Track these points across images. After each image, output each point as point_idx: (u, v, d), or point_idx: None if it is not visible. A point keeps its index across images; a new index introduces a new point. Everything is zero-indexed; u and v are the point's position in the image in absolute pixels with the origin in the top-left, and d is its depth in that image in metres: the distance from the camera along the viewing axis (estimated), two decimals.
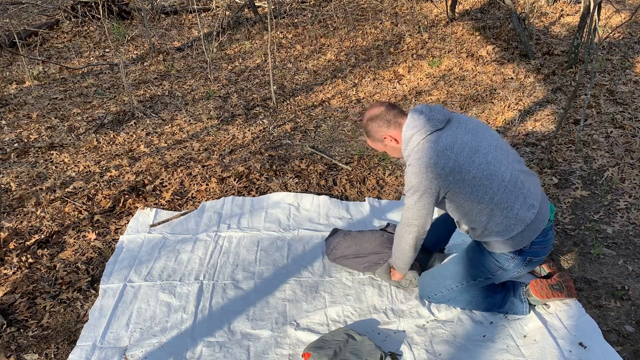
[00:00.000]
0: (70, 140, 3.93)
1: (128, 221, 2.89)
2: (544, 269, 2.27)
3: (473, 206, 1.85)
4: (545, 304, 2.17)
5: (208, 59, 5.33)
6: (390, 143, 1.95)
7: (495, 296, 2.14)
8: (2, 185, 3.27)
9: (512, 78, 4.78)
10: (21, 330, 2.17)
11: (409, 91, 4.68)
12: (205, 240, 2.70)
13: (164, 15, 7.35)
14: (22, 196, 3.15)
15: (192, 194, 3.16)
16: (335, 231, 2.54)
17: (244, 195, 3.13)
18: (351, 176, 3.31)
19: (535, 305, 2.16)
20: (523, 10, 6.24)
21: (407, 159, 1.89)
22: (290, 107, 4.48)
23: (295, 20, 6.96)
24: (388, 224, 2.51)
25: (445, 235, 2.42)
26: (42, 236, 2.77)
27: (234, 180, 3.28)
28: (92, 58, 5.89)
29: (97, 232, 2.80)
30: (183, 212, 2.94)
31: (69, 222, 2.90)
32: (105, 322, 2.17)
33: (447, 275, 2.12)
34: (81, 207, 3.02)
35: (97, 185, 3.27)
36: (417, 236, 1.97)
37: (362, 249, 2.37)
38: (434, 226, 2.30)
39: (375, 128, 1.94)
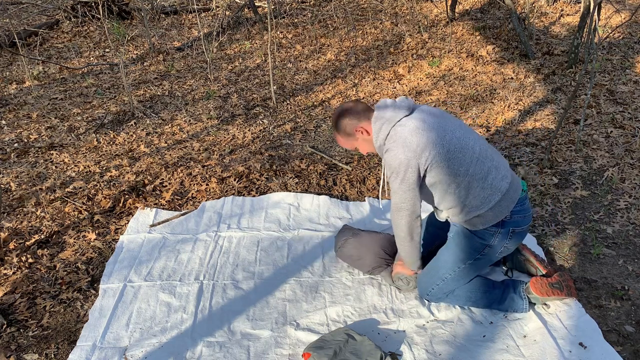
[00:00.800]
0: (70, 140, 3.93)
1: (128, 221, 2.89)
2: (540, 269, 2.27)
3: (451, 180, 1.92)
4: (545, 304, 2.17)
5: (208, 59, 5.33)
6: (362, 136, 2.02)
7: (495, 292, 2.15)
8: (2, 185, 3.27)
9: (512, 78, 4.78)
10: (21, 330, 2.17)
11: (409, 91, 4.68)
12: (205, 240, 2.70)
13: (164, 15, 7.35)
14: (22, 196, 3.15)
15: (192, 194, 3.16)
16: (345, 228, 2.53)
17: (244, 195, 3.13)
18: (351, 176, 3.31)
19: (535, 304, 2.16)
20: (523, 10, 6.24)
21: (381, 150, 1.99)
22: (290, 107, 4.48)
23: (295, 20, 6.96)
24: None
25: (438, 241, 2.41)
26: (42, 236, 2.77)
27: (234, 180, 3.28)
28: (92, 58, 5.89)
29: (97, 232, 2.81)
30: (183, 212, 2.94)
31: (69, 222, 2.90)
32: (105, 322, 2.17)
33: (438, 266, 2.14)
34: (81, 207, 3.02)
35: (97, 185, 3.27)
36: (409, 220, 2.00)
37: (368, 252, 2.36)
38: (432, 232, 2.32)
39: (346, 122, 2.01)
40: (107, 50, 6.13)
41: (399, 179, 1.91)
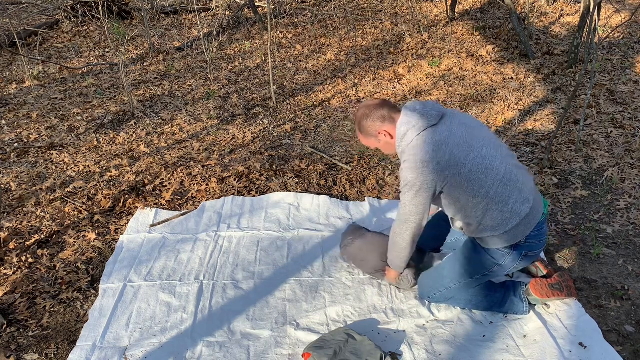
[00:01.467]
0: (70, 140, 3.93)
1: (128, 221, 2.89)
2: (541, 270, 2.27)
3: (469, 200, 1.86)
4: (545, 304, 2.17)
5: (208, 59, 5.33)
6: (385, 139, 1.95)
7: (495, 295, 2.14)
8: (2, 185, 3.27)
9: (512, 78, 4.78)
10: (21, 330, 2.17)
11: (409, 91, 4.68)
12: (205, 240, 2.70)
13: (164, 15, 7.35)
14: (22, 196, 3.15)
15: (192, 194, 3.16)
16: (353, 228, 2.50)
17: (244, 195, 3.13)
18: (351, 176, 3.31)
19: (535, 305, 2.16)
20: (523, 10, 6.24)
21: (402, 155, 1.91)
22: (290, 107, 4.48)
23: (295, 20, 6.96)
24: None
25: (440, 235, 2.41)
26: (42, 236, 2.77)
27: (234, 180, 3.28)
28: (92, 58, 5.89)
29: (97, 232, 2.81)
30: (183, 212, 2.94)
31: (69, 222, 2.90)
32: (105, 322, 2.17)
33: (444, 275, 2.12)
34: (81, 207, 3.02)
35: (97, 185, 3.27)
36: (413, 233, 1.98)
37: (372, 255, 2.35)
38: (429, 225, 2.30)
39: (370, 123, 1.94)
40: (107, 50, 6.13)
41: (412, 193, 1.85)
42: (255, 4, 7.12)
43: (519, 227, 1.90)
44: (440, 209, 2.26)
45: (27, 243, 2.71)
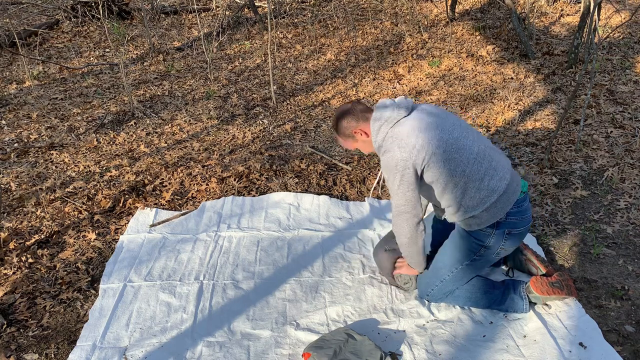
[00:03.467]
0: (70, 140, 3.93)
1: (128, 221, 2.89)
2: (541, 269, 2.27)
3: (448, 180, 1.91)
4: (546, 304, 2.17)
5: (208, 59, 5.33)
6: (362, 137, 2.02)
7: (495, 292, 2.15)
8: (2, 185, 3.27)
9: (512, 78, 4.78)
10: (21, 330, 2.17)
11: (409, 91, 4.68)
12: (205, 240, 2.70)
13: (164, 15, 7.35)
14: (22, 196, 3.15)
15: (192, 194, 3.16)
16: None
17: (244, 195, 3.13)
18: (351, 176, 3.31)
19: (535, 304, 2.16)
20: (523, 10, 6.24)
21: (379, 150, 1.97)
22: (290, 107, 4.48)
23: (295, 20, 6.96)
24: None
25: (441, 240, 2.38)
26: (42, 236, 2.77)
27: (234, 180, 3.28)
28: (92, 58, 5.89)
29: (97, 232, 2.81)
30: (183, 212, 2.94)
31: (69, 222, 2.90)
32: (105, 322, 2.17)
33: (437, 267, 2.14)
34: (81, 207, 3.02)
35: (97, 185, 3.27)
36: (411, 224, 1.97)
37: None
38: (438, 228, 2.32)
39: (345, 124, 2.01)
40: (107, 50, 6.13)
41: (397, 180, 1.90)
42: (255, 4, 7.12)
43: (497, 203, 1.95)
44: (427, 214, 2.34)
45: (27, 243, 2.71)
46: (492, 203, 1.94)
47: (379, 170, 3.37)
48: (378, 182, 2.71)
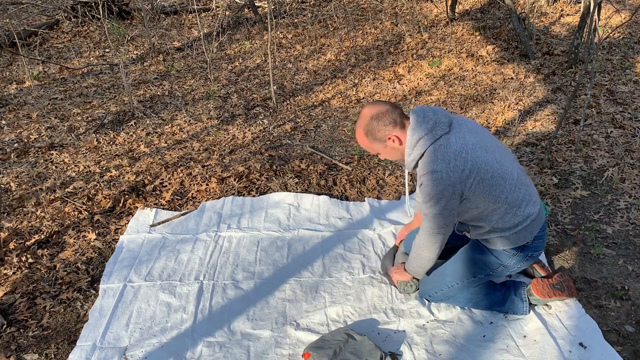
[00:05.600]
0: (70, 140, 3.93)
1: (128, 221, 2.89)
2: (538, 271, 2.27)
3: (488, 206, 1.84)
4: (546, 304, 2.17)
5: (208, 59, 5.33)
6: (393, 144, 1.86)
7: (496, 294, 2.14)
8: (2, 185, 3.27)
9: (512, 78, 4.78)
10: (21, 330, 2.17)
11: (409, 91, 4.68)
12: (205, 240, 2.70)
13: (164, 15, 7.34)
14: (22, 196, 3.15)
15: (192, 194, 3.16)
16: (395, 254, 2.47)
17: (244, 195, 3.13)
18: (351, 176, 3.31)
19: (535, 305, 2.16)
20: (523, 10, 6.24)
21: (411, 164, 1.84)
22: (290, 107, 4.48)
23: (295, 20, 6.96)
24: None
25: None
26: (42, 236, 2.77)
27: (234, 180, 3.28)
28: (92, 58, 5.89)
29: (97, 232, 2.80)
30: (183, 212, 2.94)
31: (69, 222, 2.90)
32: (105, 322, 2.17)
33: (446, 273, 2.12)
34: (81, 207, 3.02)
35: (97, 185, 3.27)
36: (441, 245, 1.93)
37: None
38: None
39: (380, 127, 1.83)
40: (107, 50, 6.13)
41: (441, 205, 1.79)
42: (255, 4, 7.12)
43: (527, 228, 1.91)
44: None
45: (27, 243, 2.71)
46: (524, 227, 1.90)
47: (379, 170, 3.36)
48: (407, 199, 2.54)
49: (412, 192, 3.02)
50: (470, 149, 1.77)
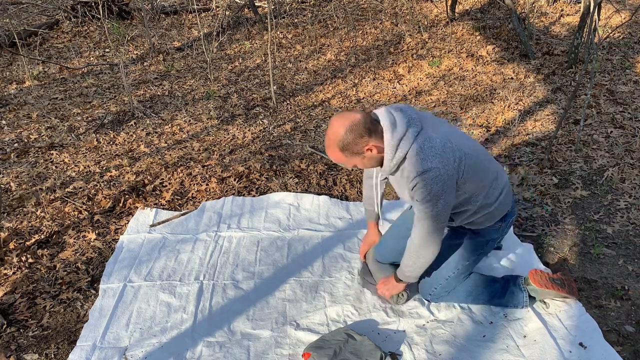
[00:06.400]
0: (70, 140, 3.93)
1: (128, 221, 2.89)
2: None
3: (476, 188, 1.86)
4: (544, 302, 2.17)
5: (208, 59, 5.33)
6: (371, 154, 1.74)
7: (494, 285, 2.16)
8: (2, 185, 3.27)
9: (512, 78, 4.78)
10: (21, 330, 2.17)
11: (409, 91, 4.68)
12: (205, 240, 2.70)
13: (164, 15, 7.35)
14: (22, 196, 3.15)
15: (192, 194, 3.16)
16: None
17: (244, 195, 3.13)
18: (351, 176, 3.31)
19: (534, 300, 2.16)
20: (523, 10, 6.24)
21: (393, 168, 1.76)
22: (290, 107, 4.48)
23: (295, 20, 6.96)
24: None
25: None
26: (42, 236, 2.77)
27: (234, 180, 3.28)
28: (92, 58, 5.89)
29: (97, 232, 2.80)
30: (183, 212, 2.94)
31: (69, 222, 2.90)
32: (105, 322, 2.17)
33: (441, 267, 2.12)
34: (81, 207, 3.02)
35: (97, 185, 3.27)
36: (440, 242, 1.88)
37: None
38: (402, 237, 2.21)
39: (357, 140, 1.69)
40: (107, 50, 6.13)
41: (442, 202, 1.73)
42: (255, 4, 7.12)
43: (507, 197, 1.98)
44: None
45: (27, 243, 2.71)
46: (504, 196, 1.96)
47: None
48: (380, 207, 2.31)
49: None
50: (450, 137, 1.76)
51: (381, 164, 1.80)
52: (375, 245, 2.33)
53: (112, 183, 3.30)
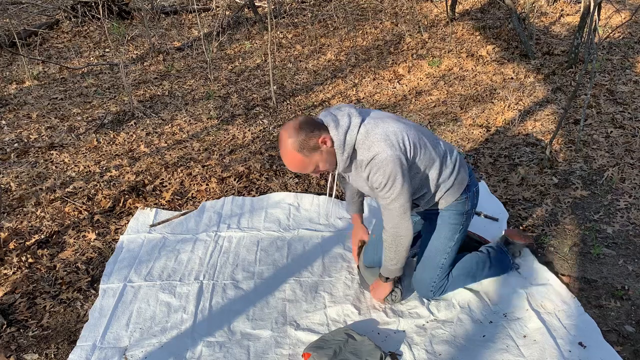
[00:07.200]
0: (70, 140, 3.93)
1: (128, 221, 2.89)
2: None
3: (428, 166, 1.91)
4: (543, 304, 2.17)
5: (208, 59, 5.34)
6: (327, 147, 1.77)
7: (482, 257, 2.27)
8: (2, 185, 3.27)
9: (512, 78, 4.78)
10: (21, 330, 2.17)
11: (409, 91, 4.68)
12: (205, 240, 2.70)
13: (164, 15, 7.35)
14: (22, 196, 3.15)
15: (192, 194, 3.16)
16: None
17: (244, 195, 3.13)
18: None
19: (518, 265, 2.33)
20: (523, 10, 6.24)
21: (346, 161, 1.81)
22: (290, 107, 4.48)
23: (295, 20, 6.96)
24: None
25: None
26: (42, 236, 2.77)
27: (234, 180, 3.28)
28: (92, 58, 5.89)
29: (97, 232, 2.81)
30: (183, 212, 2.94)
31: (69, 222, 2.90)
32: (105, 322, 2.17)
33: (431, 257, 2.13)
34: (81, 207, 3.02)
35: (97, 185, 3.27)
36: (410, 223, 1.91)
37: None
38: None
39: (309, 134, 1.73)
40: (107, 50, 6.13)
41: (400, 180, 1.78)
42: (255, 4, 7.12)
43: (461, 169, 2.03)
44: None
45: (27, 243, 2.71)
46: (458, 170, 2.01)
47: None
48: (331, 191, 2.37)
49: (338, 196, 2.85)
50: (390, 123, 1.83)
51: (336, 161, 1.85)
52: (363, 252, 2.36)
53: (112, 183, 3.30)
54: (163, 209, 3.01)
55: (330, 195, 2.64)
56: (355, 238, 2.42)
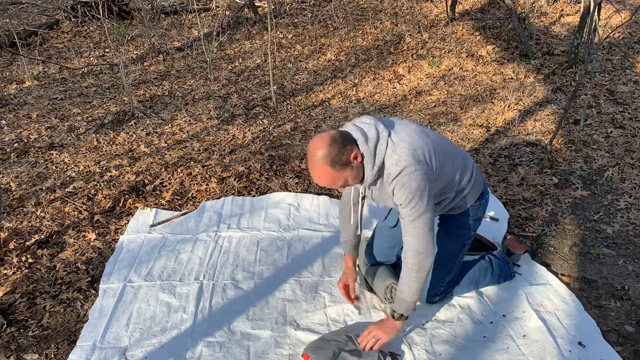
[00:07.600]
0: (70, 140, 3.93)
1: (128, 221, 2.89)
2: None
3: (452, 174, 1.91)
4: (543, 304, 2.17)
5: (208, 59, 5.34)
6: (357, 162, 1.71)
7: (484, 264, 2.29)
8: (2, 185, 3.27)
9: (512, 78, 4.78)
10: (21, 330, 2.17)
11: (409, 91, 4.68)
12: (205, 240, 2.70)
13: (164, 15, 7.35)
14: (22, 196, 3.15)
15: (192, 194, 3.16)
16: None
17: (244, 195, 3.14)
18: None
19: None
20: (523, 10, 6.24)
21: (375, 175, 1.75)
22: (290, 107, 4.48)
23: (295, 20, 6.96)
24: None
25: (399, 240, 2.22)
26: (42, 236, 2.77)
27: (234, 180, 3.28)
28: (92, 58, 5.89)
29: (97, 232, 2.81)
30: (183, 212, 2.94)
31: (69, 222, 2.90)
32: (105, 322, 2.17)
33: (440, 261, 2.09)
34: (81, 207, 3.02)
35: (97, 185, 3.27)
36: (434, 241, 1.86)
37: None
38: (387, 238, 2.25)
39: (342, 149, 1.66)
40: (107, 50, 6.13)
41: (426, 196, 1.72)
42: (255, 4, 7.12)
43: (478, 176, 2.04)
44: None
45: (27, 243, 2.71)
46: (475, 176, 2.02)
47: None
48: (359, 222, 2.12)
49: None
50: (415, 135, 1.77)
51: (363, 176, 1.78)
52: (364, 251, 2.33)
53: (112, 183, 3.30)
54: (163, 209, 3.01)
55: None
56: (342, 277, 2.20)
